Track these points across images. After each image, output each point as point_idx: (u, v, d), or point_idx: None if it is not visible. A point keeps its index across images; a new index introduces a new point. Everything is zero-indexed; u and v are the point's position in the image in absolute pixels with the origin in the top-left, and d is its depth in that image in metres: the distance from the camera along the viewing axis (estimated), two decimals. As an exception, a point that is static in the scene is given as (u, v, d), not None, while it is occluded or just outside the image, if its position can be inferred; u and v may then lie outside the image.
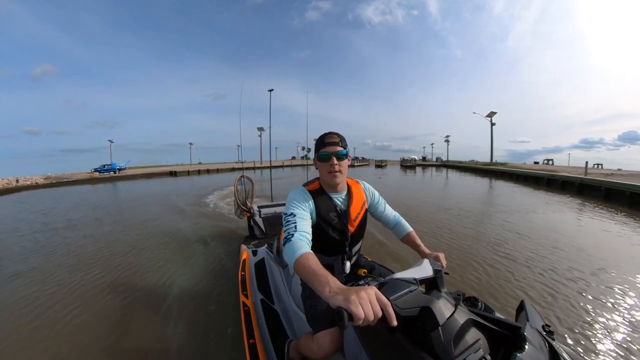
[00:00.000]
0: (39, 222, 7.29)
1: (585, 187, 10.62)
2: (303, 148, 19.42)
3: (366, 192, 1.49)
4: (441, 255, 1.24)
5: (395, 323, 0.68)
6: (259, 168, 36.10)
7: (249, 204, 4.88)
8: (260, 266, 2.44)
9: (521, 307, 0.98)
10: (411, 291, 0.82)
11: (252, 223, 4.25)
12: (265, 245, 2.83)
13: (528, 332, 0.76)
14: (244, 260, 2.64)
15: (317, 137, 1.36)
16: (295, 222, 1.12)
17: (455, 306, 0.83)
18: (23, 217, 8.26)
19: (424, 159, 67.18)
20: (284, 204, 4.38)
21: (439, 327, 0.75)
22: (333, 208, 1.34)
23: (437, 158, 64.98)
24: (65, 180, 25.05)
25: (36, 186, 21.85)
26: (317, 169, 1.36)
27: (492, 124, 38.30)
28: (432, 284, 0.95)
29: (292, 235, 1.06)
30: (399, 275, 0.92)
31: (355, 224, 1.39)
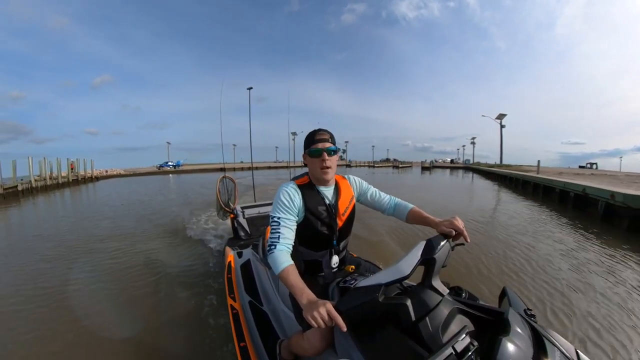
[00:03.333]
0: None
1: (525, 183, 14.26)
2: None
3: (353, 185, 1.50)
4: (456, 221, 1.13)
5: (344, 329, 0.86)
6: (292, 167, 41.92)
7: (232, 205, 4.86)
8: (246, 268, 2.44)
9: (504, 293, 1.04)
10: (365, 302, 0.88)
11: (235, 224, 4.23)
12: (251, 246, 2.82)
13: (511, 317, 0.82)
14: (230, 262, 2.63)
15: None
16: (279, 231, 1.20)
17: (440, 299, 0.89)
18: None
19: (452, 161, 69.10)
20: (267, 204, 4.76)
21: (426, 317, 0.84)
22: (322, 202, 1.35)
23: (465, 160, 66.39)
24: (138, 172, 32.30)
25: (119, 175, 29.02)
26: (305, 165, 1.40)
27: (502, 126, 40.31)
28: (426, 272, 0.96)
29: (275, 246, 1.17)
30: (365, 282, 0.94)
31: (344, 218, 1.40)
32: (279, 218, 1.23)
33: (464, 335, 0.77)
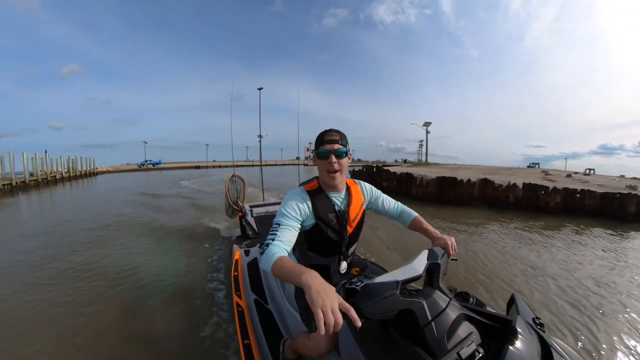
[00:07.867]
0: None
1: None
2: (308, 149, 23.39)
3: (364, 193, 1.47)
4: (450, 240, 1.23)
5: (359, 324, 0.71)
6: (258, 165, 49.56)
7: (240, 204, 4.88)
8: (253, 266, 2.45)
9: (512, 301, 1.03)
10: (386, 297, 0.82)
11: (244, 223, 4.20)
12: (258, 245, 2.85)
13: (519, 325, 0.81)
14: (237, 260, 2.68)
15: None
16: (276, 234, 1.11)
17: (448, 301, 0.87)
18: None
19: (405, 161, 79.74)
20: (275, 203, 5.00)
21: (432, 322, 0.80)
22: (332, 208, 1.31)
23: (418, 160, 77.17)
24: (123, 170, 38.05)
25: (107, 172, 34.71)
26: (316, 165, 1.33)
27: (427, 132, 49.54)
28: (428, 277, 0.96)
29: (267, 245, 1.06)
30: (380, 279, 0.90)
31: (354, 224, 1.38)
32: (278, 223, 1.16)
33: (470, 342, 0.78)
